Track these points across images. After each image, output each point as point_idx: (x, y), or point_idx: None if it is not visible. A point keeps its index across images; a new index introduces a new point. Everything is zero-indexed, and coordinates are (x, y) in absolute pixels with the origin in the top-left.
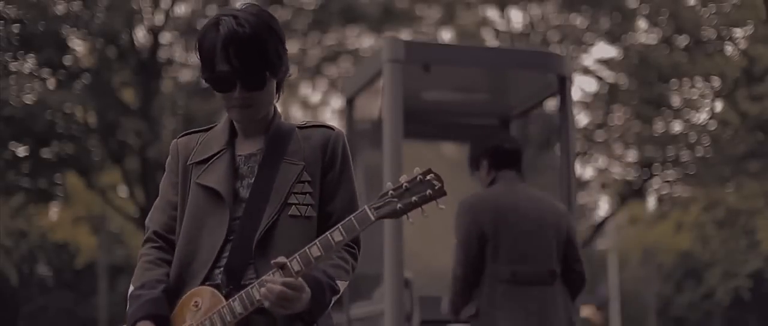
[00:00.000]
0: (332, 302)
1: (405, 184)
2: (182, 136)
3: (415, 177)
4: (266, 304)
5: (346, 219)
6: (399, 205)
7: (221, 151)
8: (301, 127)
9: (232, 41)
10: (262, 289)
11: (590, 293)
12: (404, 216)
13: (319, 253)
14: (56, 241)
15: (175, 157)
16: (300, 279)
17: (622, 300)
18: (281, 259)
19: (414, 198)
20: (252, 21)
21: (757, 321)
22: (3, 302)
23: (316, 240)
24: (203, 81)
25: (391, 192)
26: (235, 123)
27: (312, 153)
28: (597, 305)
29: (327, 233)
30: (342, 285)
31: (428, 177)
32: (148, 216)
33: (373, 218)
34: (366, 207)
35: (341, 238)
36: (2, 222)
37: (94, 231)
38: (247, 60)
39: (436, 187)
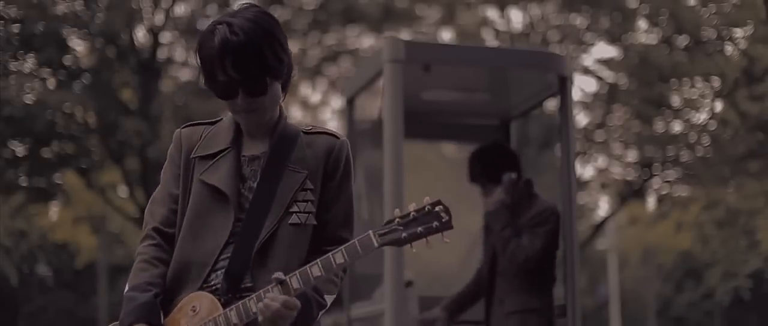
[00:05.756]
0: (319, 316)
1: (413, 213)
2: (186, 126)
3: (424, 207)
4: (260, 318)
5: (350, 242)
6: (404, 234)
7: (226, 149)
8: (306, 132)
9: (227, 51)
10: (260, 304)
11: (590, 293)
12: (408, 246)
13: (319, 273)
14: (56, 241)
15: (178, 146)
16: (294, 297)
17: (622, 300)
18: (280, 275)
19: (420, 228)
20: (247, 27)
21: (757, 321)
22: (3, 302)
23: (318, 260)
24: (206, 87)
25: (398, 219)
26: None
27: (315, 161)
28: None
29: (329, 254)
30: (329, 299)
31: (437, 209)
32: (148, 208)
33: (376, 244)
34: (371, 232)
35: (343, 261)
36: (2, 222)
37: (94, 231)
38: (245, 68)
39: (444, 220)
